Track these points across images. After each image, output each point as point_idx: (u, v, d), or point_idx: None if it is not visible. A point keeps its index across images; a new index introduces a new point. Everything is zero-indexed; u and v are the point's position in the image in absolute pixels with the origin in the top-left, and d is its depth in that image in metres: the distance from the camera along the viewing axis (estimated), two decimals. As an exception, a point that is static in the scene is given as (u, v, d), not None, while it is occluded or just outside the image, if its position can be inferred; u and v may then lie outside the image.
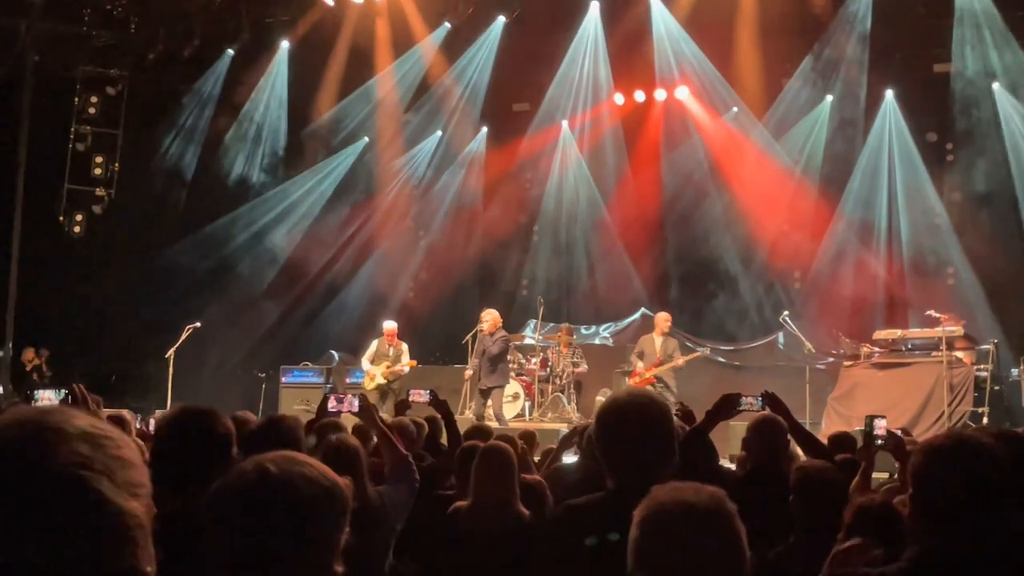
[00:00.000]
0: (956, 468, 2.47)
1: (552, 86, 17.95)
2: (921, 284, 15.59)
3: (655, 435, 2.99)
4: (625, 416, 3.02)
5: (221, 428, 3.27)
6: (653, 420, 3.01)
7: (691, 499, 2.05)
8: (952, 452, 2.51)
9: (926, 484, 2.51)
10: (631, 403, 3.07)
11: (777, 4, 15.02)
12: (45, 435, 1.31)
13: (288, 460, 1.84)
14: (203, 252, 18.17)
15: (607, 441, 3.05)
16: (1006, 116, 15.37)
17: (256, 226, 18.67)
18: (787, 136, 17.12)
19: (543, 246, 19.03)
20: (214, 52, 17.87)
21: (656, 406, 3.06)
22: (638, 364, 13.99)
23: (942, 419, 12.36)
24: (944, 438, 2.62)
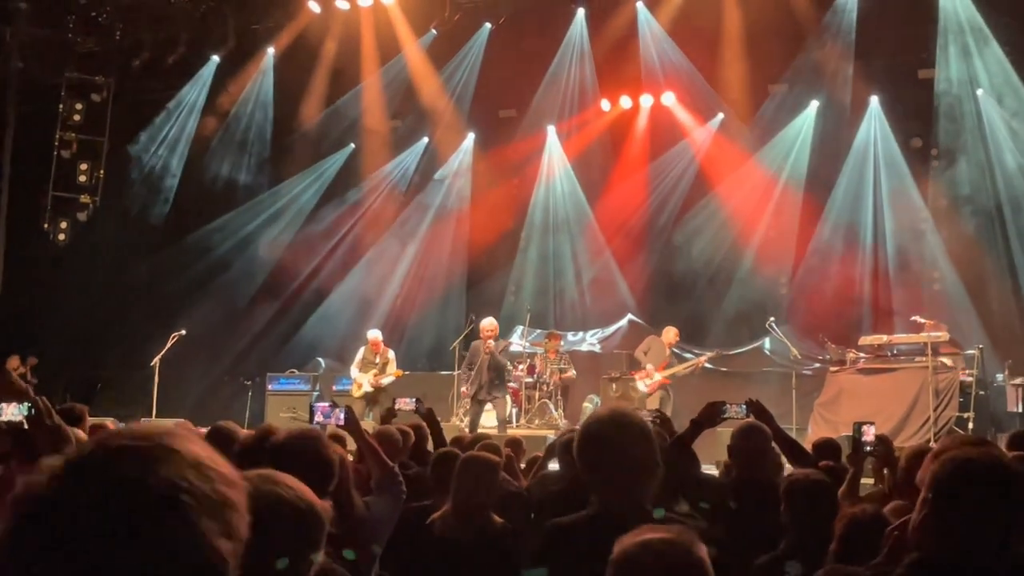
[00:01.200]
0: (986, 483, 2.48)
1: (538, 92, 17.97)
2: (906, 289, 15.65)
3: (636, 456, 2.99)
4: (606, 438, 3.02)
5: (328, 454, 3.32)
6: (634, 441, 3.01)
7: (660, 545, 2.10)
8: (984, 467, 2.52)
9: (950, 495, 2.50)
10: (611, 424, 3.07)
11: (762, 11, 15.07)
12: (157, 451, 1.28)
13: (265, 479, 1.83)
14: (188, 259, 18.13)
15: (589, 462, 3.06)
16: (990, 122, 15.44)
17: (242, 233, 18.64)
18: (773, 142, 17.16)
19: (530, 252, 19.01)
20: (199, 59, 17.86)
21: (636, 426, 3.06)
22: (647, 364, 14.03)
23: (927, 424, 12.38)
24: (975, 451, 2.63)
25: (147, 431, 1.32)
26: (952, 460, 2.56)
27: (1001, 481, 2.48)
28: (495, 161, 18.78)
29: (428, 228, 19.20)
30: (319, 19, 16.83)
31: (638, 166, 18.18)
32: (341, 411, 4.84)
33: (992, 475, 2.49)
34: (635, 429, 3.04)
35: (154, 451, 1.27)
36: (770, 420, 5.25)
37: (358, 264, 18.95)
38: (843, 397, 13.41)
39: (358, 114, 18.60)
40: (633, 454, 2.98)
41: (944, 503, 2.51)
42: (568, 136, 18.58)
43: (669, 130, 17.85)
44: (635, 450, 2.98)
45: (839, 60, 15.95)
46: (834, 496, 4.28)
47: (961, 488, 2.49)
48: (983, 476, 2.49)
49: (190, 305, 17.35)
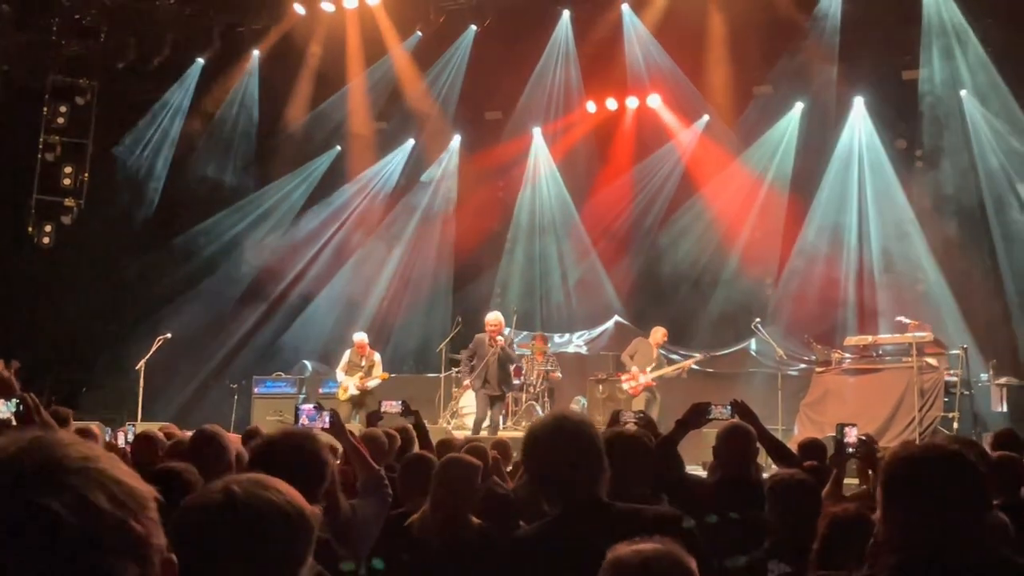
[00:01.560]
0: (931, 478, 2.46)
1: (524, 94, 17.98)
2: (891, 290, 15.71)
3: (576, 458, 3.00)
4: (545, 444, 3.05)
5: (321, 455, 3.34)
6: (571, 443, 3.02)
7: (650, 558, 2.14)
8: (926, 462, 2.50)
9: (900, 494, 2.50)
10: (549, 430, 3.09)
11: (746, 13, 15.11)
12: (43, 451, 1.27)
13: (256, 483, 1.83)
14: (174, 262, 18.08)
15: (534, 472, 3.09)
16: (974, 123, 15.52)
17: (227, 236, 18.59)
18: (758, 143, 17.22)
19: (516, 254, 19.03)
20: (184, 61, 17.80)
21: (573, 427, 3.07)
22: (632, 367, 14.05)
23: (913, 424, 12.43)
24: (916, 447, 2.62)
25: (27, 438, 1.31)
26: (893, 460, 2.56)
27: (944, 472, 2.46)
28: (481, 163, 18.80)
29: (414, 230, 19.20)
30: (304, 21, 16.80)
31: (624, 168, 18.22)
32: (327, 414, 4.84)
33: (933, 467, 2.48)
34: (571, 429, 3.05)
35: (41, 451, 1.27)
36: (755, 421, 5.27)
37: (344, 266, 18.94)
38: (829, 397, 13.46)
39: (344, 116, 18.58)
40: (573, 456, 2.99)
41: (891, 501, 2.52)
42: (554, 138, 18.61)
43: (655, 132, 17.90)
44: (575, 452, 2.99)
45: (823, 62, 16.00)
46: (818, 496, 4.30)
47: (904, 485, 2.50)
48: (923, 470, 2.48)
49: (176, 308, 17.29)
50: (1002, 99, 15.03)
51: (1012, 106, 14.90)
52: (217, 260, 18.44)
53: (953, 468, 2.47)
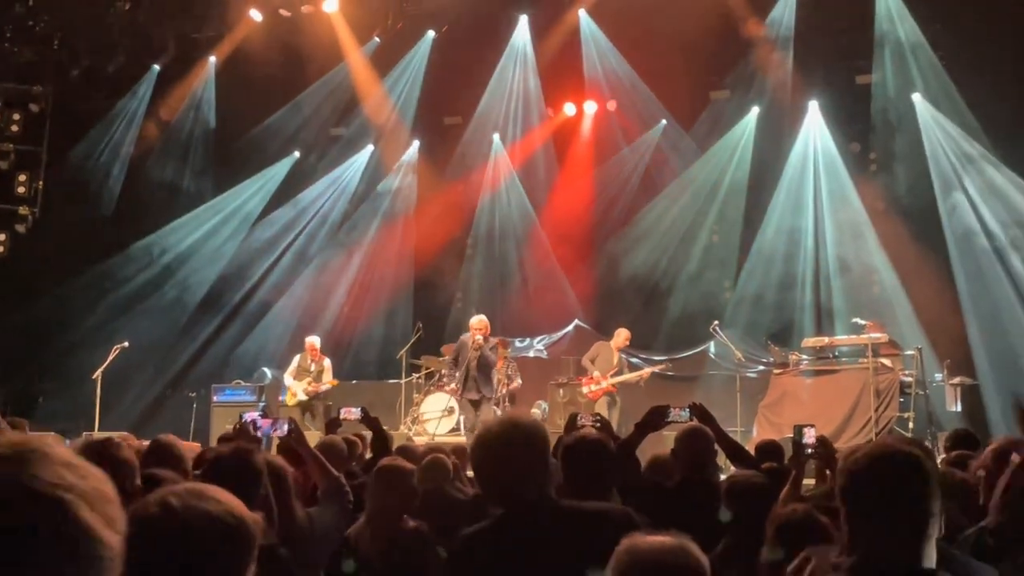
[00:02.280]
0: (883, 478, 2.48)
1: (483, 100, 18.01)
2: (847, 292, 15.89)
3: (520, 460, 3.03)
4: (487, 446, 3.08)
5: (256, 464, 3.29)
6: (513, 445, 3.06)
7: (663, 549, 2.18)
8: (879, 461, 2.52)
9: (854, 496, 2.53)
10: (494, 434, 3.12)
11: (702, 19, 15.23)
12: (28, 455, 1.29)
13: (193, 494, 1.82)
14: (131, 270, 17.93)
15: (480, 474, 3.13)
16: (926, 126, 15.72)
17: (185, 243, 18.46)
18: (715, 147, 17.36)
19: (476, 259, 19.04)
20: (140, 68, 17.66)
21: (521, 430, 3.10)
22: (594, 372, 14.08)
23: (869, 425, 12.58)
24: (869, 447, 2.66)
25: (13, 440, 1.34)
26: (846, 461, 2.60)
27: (894, 472, 2.49)
28: (441, 168, 18.80)
29: (374, 236, 19.15)
30: (261, 27, 16.72)
31: (583, 172, 18.29)
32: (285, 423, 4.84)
33: (886, 469, 2.51)
34: (521, 432, 3.08)
35: (25, 455, 1.29)
36: (713, 423, 5.34)
37: (304, 273, 18.86)
38: (787, 399, 13.58)
39: (302, 122, 18.51)
40: (517, 458, 3.02)
41: (844, 503, 2.55)
42: (513, 143, 18.63)
43: (613, 137, 17.99)
44: (520, 453, 3.03)
45: (778, 67, 16.18)
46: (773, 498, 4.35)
47: (857, 487, 2.52)
48: (876, 472, 2.51)
49: (133, 316, 17.16)
50: (953, 102, 15.25)
51: (963, 109, 15.12)
52: (175, 267, 18.31)
53: (904, 469, 2.50)
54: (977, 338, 14.72)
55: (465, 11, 16.40)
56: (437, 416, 14.66)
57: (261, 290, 18.63)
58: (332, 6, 16.36)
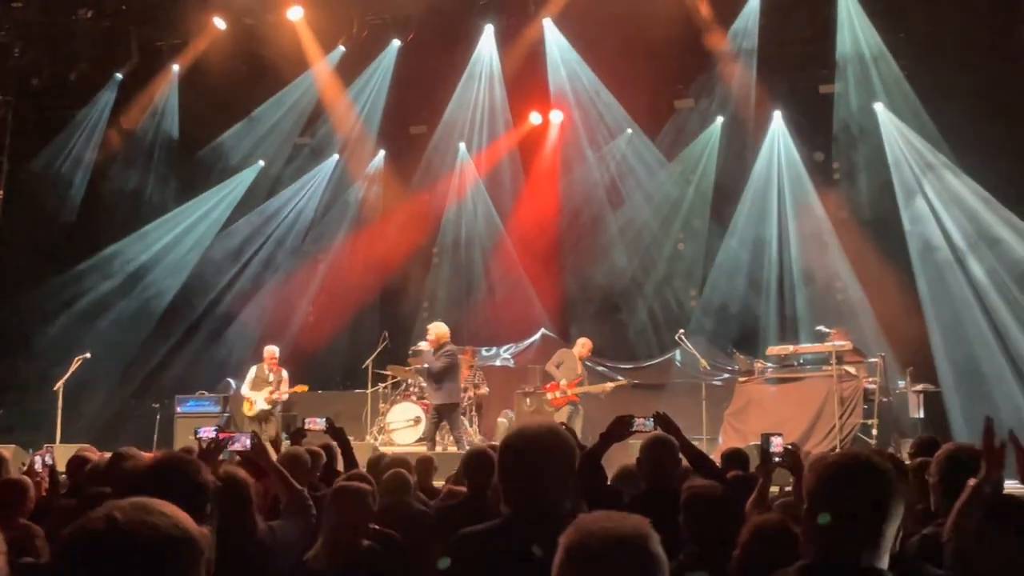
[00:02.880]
0: (848, 485, 2.55)
1: (449, 108, 17.98)
2: (811, 299, 16.00)
3: (556, 469, 3.03)
4: (529, 448, 3.07)
5: (199, 478, 3.22)
6: (556, 453, 3.06)
7: (615, 528, 2.08)
8: (845, 469, 2.59)
9: (818, 495, 2.58)
10: (536, 435, 3.11)
11: (667, 28, 15.30)
12: None
13: (138, 507, 1.78)
14: (94, 280, 17.76)
15: (510, 469, 3.09)
16: (888, 135, 15.87)
17: (149, 252, 18.29)
18: (680, 156, 17.45)
19: (443, 268, 19.01)
20: (102, 76, 17.50)
21: (560, 439, 3.10)
22: (562, 380, 14.07)
23: (833, 432, 12.66)
24: (837, 456, 2.70)
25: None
26: (814, 467, 2.64)
27: (859, 477, 2.55)
28: (406, 177, 18.76)
29: (340, 245, 19.08)
30: (225, 35, 16.64)
31: (549, 181, 18.32)
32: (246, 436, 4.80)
33: (852, 476, 2.56)
34: (560, 440, 3.09)
35: None
36: (677, 432, 5.34)
37: (269, 282, 18.75)
38: (752, 407, 13.65)
39: (267, 131, 18.41)
40: (554, 466, 3.03)
41: (810, 508, 2.61)
42: (479, 152, 18.62)
43: (579, 145, 18.03)
44: (557, 463, 3.03)
45: (742, 76, 16.28)
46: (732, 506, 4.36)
47: (823, 492, 2.58)
48: (843, 479, 2.57)
49: (95, 327, 16.99)
50: (915, 112, 15.39)
51: (924, 118, 15.27)
52: (138, 277, 18.14)
53: (869, 475, 2.55)
54: (939, 345, 14.86)
55: (430, 20, 16.39)
56: (403, 426, 14.61)
57: (226, 300, 18.50)
58: (296, 14, 16.30)
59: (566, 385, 14.03)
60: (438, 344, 13.29)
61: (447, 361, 13.12)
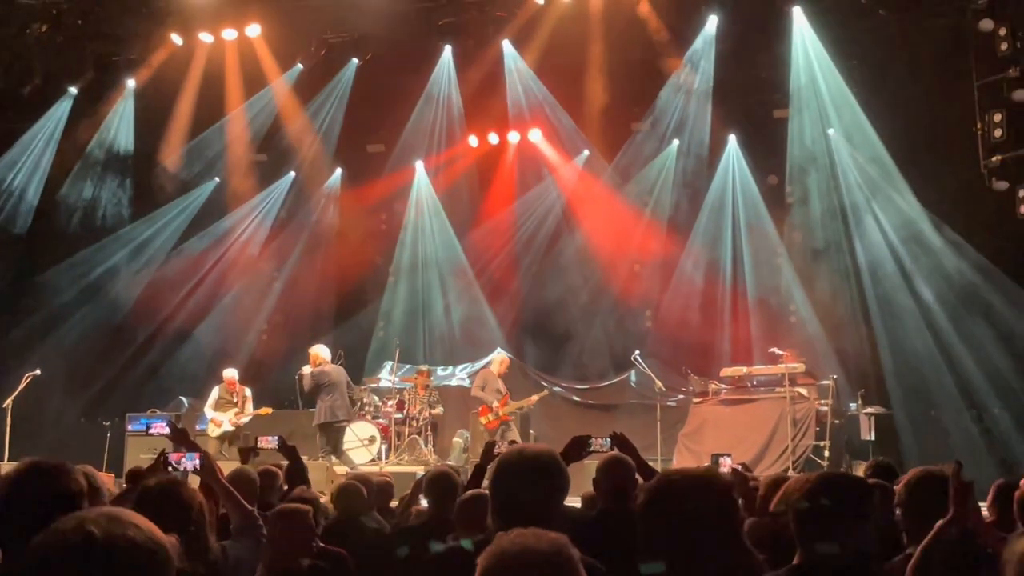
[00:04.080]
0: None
1: (407, 127, 17.99)
2: (765, 321, 16.15)
3: (551, 490, 3.06)
4: (522, 470, 3.08)
5: (71, 485, 3.13)
6: (551, 474, 3.09)
7: (532, 544, 2.08)
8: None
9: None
10: (530, 458, 3.14)
11: (625, 51, 15.44)
12: None
13: (112, 520, 1.76)
14: (45, 296, 17.53)
15: (499, 491, 3.12)
16: (841, 161, 16.10)
17: (101, 268, 18.08)
18: (637, 178, 17.58)
19: (399, 287, 18.96)
20: (56, 90, 17.31)
21: (552, 460, 3.13)
22: (493, 401, 14.11)
23: (786, 453, 12.78)
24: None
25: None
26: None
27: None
28: (363, 196, 18.71)
29: (295, 263, 18.97)
30: (182, 51, 16.54)
31: (506, 201, 18.38)
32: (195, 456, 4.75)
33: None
34: (545, 464, 3.11)
35: None
36: (634, 452, 5.35)
37: (223, 300, 18.59)
38: (706, 428, 13.75)
39: (223, 147, 18.28)
40: (545, 489, 3.05)
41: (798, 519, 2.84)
42: (437, 171, 18.65)
43: (536, 166, 18.13)
44: (548, 487, 3.06)
45: (699, 99, 16.45)
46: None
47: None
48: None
49: (46, 343, 16.76)
50: (867, 138, 15.61)
51: (876, 143, 15.50)
52: (90, 293, 17.92)
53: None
54: (890, 368, 15.07)
55: (389, 39, 16.40)
56: (358, 445, 14.54)
57: (179, 317, 18.30)
58: (254, 32, 16.24)
59: (497, 406, 14.10)
60: (315, 365, 13.98)
61: (312, 382, 13.93)
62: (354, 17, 15.90)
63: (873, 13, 14.44)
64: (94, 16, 16.24)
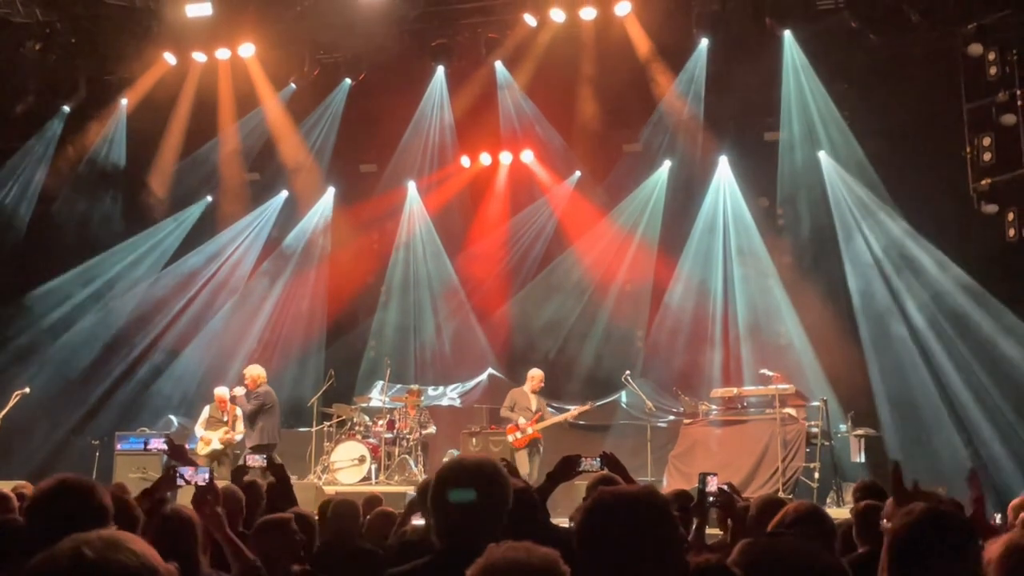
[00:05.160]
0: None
1: (399, 147, 18.03)
2: (755, 343, 16.17)
3: (489, 499, 3.04)
4: (459, 479, 3.07)
5: (97, 500, 3.13)
6: (489, 483, 3.06)
7: (524, 559, 2.08)
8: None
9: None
10: (468, 466, 3.12)
11: (616, 72, 15.51)
12: None
13: (108, 543, 1.74)
14: (35, 314, 17.49)
15: (440, 502, 3.10)
16: (832, 183, 16.16)
17: (91, 287, 18.04)
18: (628, 199, 17.62)
19: (390, 307, 18.95)
20: (49, 109, 17.32)
21: (492, 469, 3.11)
22: (519, 419, 14.04)
23: (777, 475, 12.77)
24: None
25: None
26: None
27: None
28: (355, 215, 18.73)
29: (287, 282, 18.95)
30: (175, 70, 16.56)
31: (498, 222, 18.41)
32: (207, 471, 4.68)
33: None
34: (491, 470, 3.09)
35: None
36: (624, 473, 5.36)
37: (213, 319, 18.56)
38: (697, 449, 13.74)
39: (215, 166, 18.29)
40: (488, 496, 3.03)
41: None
42: (429, 191, 18.68)
43: (528, 187, 18.18)
44: (490, 492, 3.04)
45: (689, 122, 16.51)
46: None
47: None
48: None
49: (36, 361, 16.71)
50: (857, 160, 15.69)
51: (866, 166, 15.57)
52: (80, 311, 17.88)
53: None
54: (880, 390, 15.08)
55: (382, 59, 16.46)
56: (348, 465, 14.51)
57: (169, 336, 18.26)
58: (248, 51, 16.28)
59: (525, 423, 14.01)
60: (254, 386, 13.88)
61: (256, 403, 13.76)
62: (347, 37, 15.98)
63: (863, 37, 14.54)
64: (87, 35, 16.28)
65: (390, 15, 15.36)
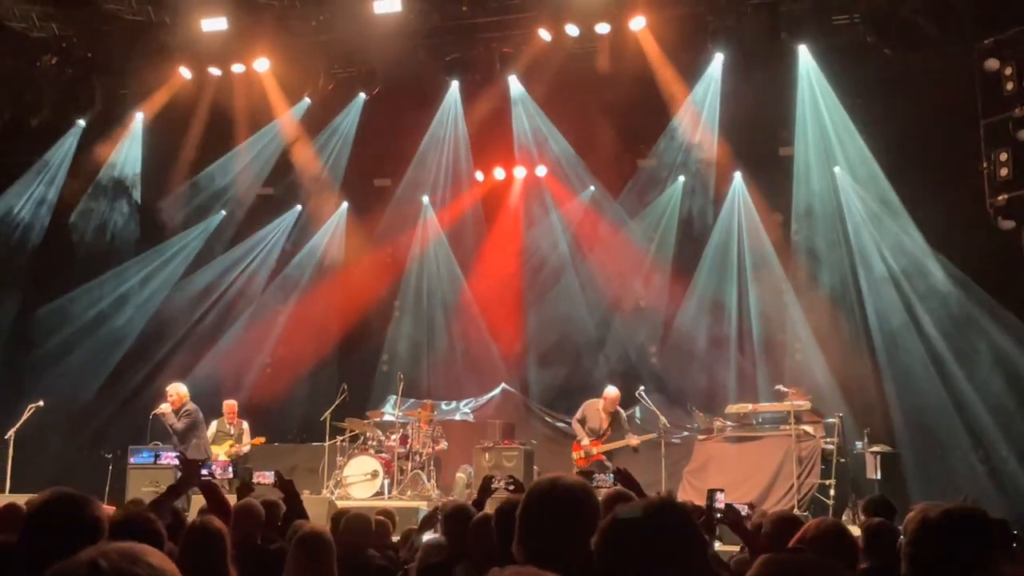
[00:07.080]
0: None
1: (413, 162, 18.07)
2: (770, 359, 16.10)
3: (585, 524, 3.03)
4: (561, 501, 3.04)
5: (91, 514, 3.11)
6: (588, 509, 3.04)
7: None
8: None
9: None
10: (569, 489, 3.10)
11: (631, 87, 15.50)
12: None
13: (125, 555, 1.71)
14: (50, 328, 17.54)
15: (537, 520, 3.08)
16: (847, 199, 16.10)
17: (107, 301, 18.11)
18: (642, 214, 17.60)
19: (404, 321, 18.96)
20: (65, 123, 17.41)
21: (590, 495, 3.09)
22: (584, 439, 13.96)
23: (792, 491, 12.70)
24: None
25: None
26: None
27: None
28: (369, 230, 18.77)
29: (300, 296, 18.99)
30: (191, 85, 16.62)
31: (512, 236, 18.40)
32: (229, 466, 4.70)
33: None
34: (581, 495, 3.09)
35: None
36: (637, 488, 5.34)
37: (227, 333, 18.58)
38: (711, 465, 13.68)
39: (230, 180, 18.36)
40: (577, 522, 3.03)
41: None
42: (442, 206, 18.70)
43: (542, 201, 18.17)
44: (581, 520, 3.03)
45: (704, 137, 16.48)
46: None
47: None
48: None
49: (50, 374, 16.74)
50: (873, 175, 15.62)
51: (882, 181, 15.51)
52: (95, 325, 17.93)
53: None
54: (896, 406, 14.99)
55: (397, 74, 16.48)
56: (360, 479, 14.48)
57: (183, 350, 18.29)
58: (263, 66, 16.34)
59: (588, 444, 13.93)
60: (180, 404, 13.77)
61: (188, 421, 13.66)
62: (362, 52, 16.02)
63: (879, 52, 14.48)
64: (103, 49, 16.36)
65: (405, 30, 15.37)
